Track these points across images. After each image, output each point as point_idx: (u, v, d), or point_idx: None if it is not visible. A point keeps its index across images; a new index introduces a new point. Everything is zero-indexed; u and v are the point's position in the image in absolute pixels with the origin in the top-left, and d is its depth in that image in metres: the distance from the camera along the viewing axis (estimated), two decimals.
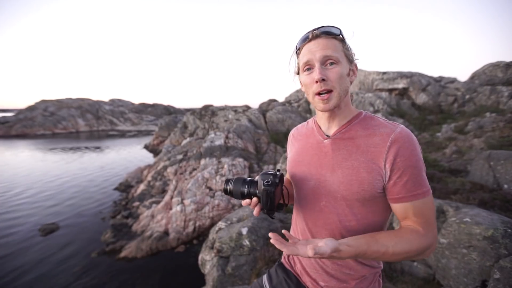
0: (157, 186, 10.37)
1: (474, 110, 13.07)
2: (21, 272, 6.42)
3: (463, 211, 2.64)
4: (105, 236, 7.91)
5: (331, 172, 0.78)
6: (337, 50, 0.73)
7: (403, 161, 0.69)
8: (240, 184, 0.83)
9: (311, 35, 0.75)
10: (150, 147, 23.47)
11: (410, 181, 0.69)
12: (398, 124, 0.74)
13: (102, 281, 6.08)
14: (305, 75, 0.77)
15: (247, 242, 3.75)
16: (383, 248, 0.67)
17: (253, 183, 0.81)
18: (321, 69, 0.72)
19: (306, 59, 0.75)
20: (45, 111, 40.46)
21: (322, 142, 0.83)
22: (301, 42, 0.78)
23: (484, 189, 3.89)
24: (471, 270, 2.13)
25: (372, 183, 0.72)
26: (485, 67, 17.11)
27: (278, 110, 16.62)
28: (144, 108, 56.06)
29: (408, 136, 0.71)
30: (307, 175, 0.84)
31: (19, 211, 9.89)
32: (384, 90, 19.80)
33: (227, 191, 0.86)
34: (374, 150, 0.72)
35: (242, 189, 0.82)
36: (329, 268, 0.84)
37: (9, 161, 18.45)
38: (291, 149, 0.98)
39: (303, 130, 0.96)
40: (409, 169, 0.69)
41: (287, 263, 1.01)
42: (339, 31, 0.75)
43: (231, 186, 0.85)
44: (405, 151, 0.69)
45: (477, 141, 7.35)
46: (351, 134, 0.79)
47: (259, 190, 0.78)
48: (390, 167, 0.70)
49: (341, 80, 0.73)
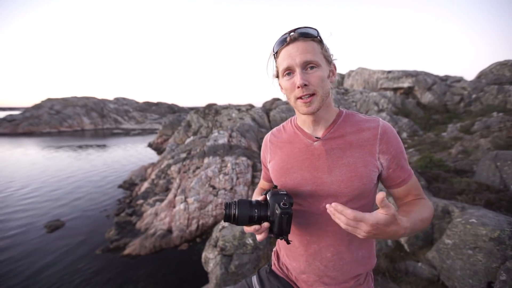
0: (160, 184, 10.44)
1: (480, 110, 12.89)
2: (25, 267, 6.53)
3: (469, 212, 2.61)
4: (110, 233, 8.00)
5: (328, 173, 0.78)
6: (316, 53, 0.73)
7: (395, 149, 0.77)
8: (247, 207, 0.73)
9: (288, 38, 0.73)
10: (154, 146, 23.63)
11: (404, 165, 0.79)
12: (378, 118, 0.81)
13: (106, 278, 6.15)
14: (285, 80, 0.76)
15: (250, 241, 3.76)
16: (418, 216, 0.70)
17: (263, 206, 0.73)
18: (302, 74, 0.71)
19: (286, 65, 0.73)
20: (51, 109, 40.97)
21: (312, 145, 0.81)
22: (279, 45, 0.76)
23: (490, 190, 3.83)
24: (476, 271, 2.10)
25: (370, 176, 0.76)
26: (492, 66, 16.86)
27: (281, 109, 16.59)
28: (148, 107, 56.42)
29: (390, 127, 0.80)
30: (301, 181, 0.82)
31: (26, 208, 10.05)
32: (388, 89, 19.64)
33: (230, 217, 0.73)
34: (367, 144, 0.77)
35: (251, 213, 0.72)
36: (331, 271, 0.83)
37: (20, 159, 18.73)
38: (273, 156, 0.92)
39: (283, 136, 0.91)
40: (400, 155, 0.78)
41: (278, 269, 0.98)
42: (316, 32, 0.74)
43: (235, 210, 0.72)
44: (393, 140, 0.78)
45: (484, 141, 7.25)
46: (340, 132, 0.80)
47: (272, 213, 0.70)
48: (386, 157, 0.77)
49: (322, 83, 0.73)
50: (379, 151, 0.76)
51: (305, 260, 0.85)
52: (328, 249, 0.82)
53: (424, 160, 5.84)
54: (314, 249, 0.83)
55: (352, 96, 18.40)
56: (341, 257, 0.82)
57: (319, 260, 0.83)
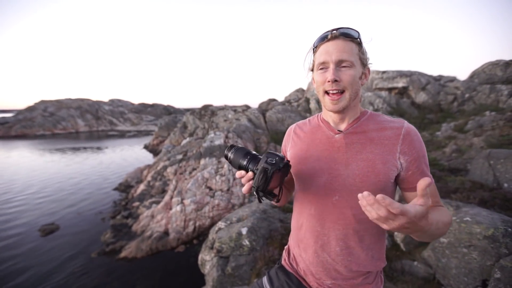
0: (157, 186, 10.36)
1: (473, 109, 13.06)
2: (20, 272, 6.41)
3: (463, 210, 2.63)
4: (105, 236, 7.90)
5: (345, 166, 0.79)
6: (352, 54, 0.75)
7: (417, 152, 0.76)
8: (241, 155, 0.78)
9: (330, 35, 0.76)
10: (150, 147, 23.45)
11: (425, 170, 0.77)
12: (403, 120, 0.82)
13: (102, 282, 6.07)
14: (318, 73, 0.79)
15: (247, 242, 3.74)
16: (440, 218, 0.69)
17: (255, 158, 0.76)
18: (335, 70, 0.74)
19: (322, 59, 0.77)
20: (44, 111, 40.40)
21: (334, 137, 0.84)
22: (319, 41, 0.80)
23: (484, 188, 3.88)
24: (471, 269, 2.12)
25: (387, 174, 0.76)
26: (485, 66, 17.10)
27: (277, 109, 16.60)
28: (143, 108, 55.99)
29: (415, 130, 0.79)
30: (318, 171, 0.84)
31: (19, 212, 9.87)
32: (383, 89, 19.79)
33: (227, 157, 0.81)
34: (388, 143, 0.77)
35: (242, 161, 0.77)
36: (339, 265, 0.83)
37: (16, 163, 18.44)
38: (293, 146, 0.95)
39: (306, 128, 0.95)
40: (422, 159, 0.77)
41: (288, 265, 0.99)
42: (357, 34, 0.77)
43: (232, 154, 0.80)
44: (416, 143, 0.77)
45: (477, 140, 7.34)
46: (362, 128, 0.82)
47: (259, 166, 0.72)
48: (406, 158, 0.76)
49: (353, 82, 0.76)
50: (400, 151, 0.76)
51: (314, 251, 0.86)
52: (337, 243, 0.83)
53: None
54: (323, 241, 0.84)
55: None
56: (350, 253, 0.82)
57: (327, 252, 0.84)
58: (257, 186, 0.71)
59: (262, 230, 3.97)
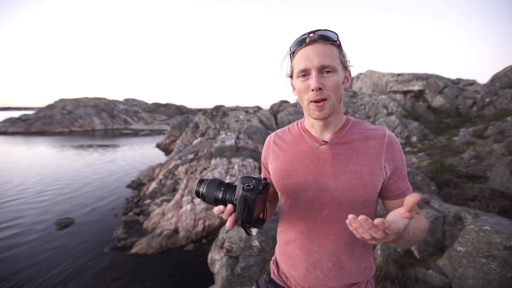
0: (168, 185, 10.54)
1: (494, 114, 12.55)
2: (36, 263, 6.68)
3: (483, 219, 2.53)
4: (117, 232, 8.10)
5: (333, 178, 0.76)
6: (334, 58, 0.72)
7: (399, 161, 0.77)
8: (215, 187, 0.69)
9: (308, 39, 0.72)
10: (162, 146, 23.91)
11: (405, 177, 0.78)
12: (384, 127, 0.81)
13: (113, 276, 6.23)
14: (300, 81, 0.74)
15: (256, 243, 3.74)
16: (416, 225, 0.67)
17: (231, 187, 0.68)
18: (318, 77, 0.70)
19: (302, 66, 0.72)
20: (63, 109, 42.03)
21: (319, 149, 0.80)
22: (296, 45, 0.75)
23: (504, 197, 3.72)
24: (490, 281, 2.03)
25: (375, 185, 0.74)
26: (507, 69, 16.39)
27: (289, 111, 16.55)
28: (157, 108, 57.19)
29: (395, 138, 0.79)
30: (304, 185, 0.79)
31: (38, 205, 10.30)
32: (398, 92, 19.34)
33: (198, 194, 0.71)
34: (374, 153, 0.76)
35: (217, 193, 0.68)
36: (331, 281, 0.81)
37: (36, 158, 19.27)
38: (275, 158, 0.89)
39: (288, 138, 0.89)
40: (403, 167, 0.78)
41: (278, 278, 0.95)
42: (336, 36, 0.73)
43: (203, 188, 0.70)
44: (398, 151, 0.77)
45: (498, 146, 7.05)
46: (347, 138, 0.79)
47: (237, 195, 0.64)
48: (390, 167, 0.75)
49: (336, 89, 0.72)
50: (385, 160, 0.75)
51: (305, 268, 0.83)
52: (329, 259, 0.80)
53: (435, 164, 5.71)
54: (315, 258, 0.81)
55: (361, 99, 18.21)
56: (342, 267, 0.80)
57: (319, 269, 0.81)
58: (242, 219, 0.64)
59: (272, 232, 3.96)
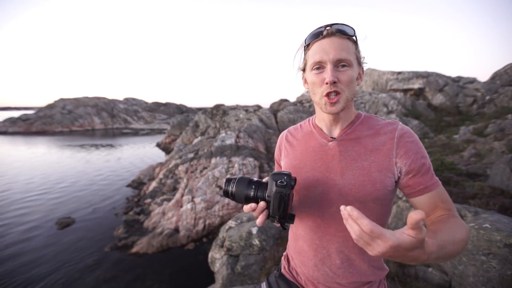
0: (168, 184, 10.54)
1: (495, 112, 12.53)
2: (37, 262, 6.70)
3: (483, 217, 2.53)
4: (118, 232, 8.12)
5: (341, 175, 0.75)
6: (350, 52, 0.70)
7: (415, 154, 0.71)
8: (245, 185, 0.70)
9: (325, 32, 0.70)
10: (162, 145, 23.91)
11: (427, 171, 0.71)
12: (397, 122, 0.77)
13: (114, 275, 6.25)
14: (313, 74, 0.73)
15: (256, 242, 3.75)
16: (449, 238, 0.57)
17: (262, 185, 0.70)
18: (333, 70, 0.69)
19: (318, 58, 0.71)
20: (63, 109, 42.02)
21: (327, 145, 0.80)
22: (312, 38, 0.73)
23: (505, 195, 3.72)
24: (490, 278, 2.03)
25: (384, 182, 0.72)
26: (507, 67, 16.36)
27: (289, 110, 16.54)
28: (157, 107, 57.17)
29: (410, 131, 0.74)
30: (313, 181, 0.79)
31: (38, 205, 10.32)
32: (398, 90, 19.31)
33: (228, 193, 0.71)
34: (383, 148, 0.73)
35: (248, 191, 0.69)
36: (340, 278, 0.80)
37: (32, 157, 19.28)
38: (286, 155, 0.90)
39: (299, 134, 0.90)
40: (422, 160, 0.71)
41: (288, 273, 0.95)
42: (353, 31, 0.72)
43: (233, 187, 0.71)
44: (413, 145, 0.72)
45: (498, 144, 7.04)
46: (356, 134, 0.78)
47: (270, 192, 0.66)
48: (404, 162, 0.71)
49: (351, 84, 0.71)
50: (396, 155, 0.72)
51: (314, 265, 0.83)
52: (337, 255, 0.79)
53: (435, 162, 5.70)
54: (323, 254, 0.81)
55: (361, 97, 18.18)
56: (351, 265, 0.79)
57: (328, 266, 0.81)
58: (278, 215, 0.65)
59: (272, 230, 3.96)
